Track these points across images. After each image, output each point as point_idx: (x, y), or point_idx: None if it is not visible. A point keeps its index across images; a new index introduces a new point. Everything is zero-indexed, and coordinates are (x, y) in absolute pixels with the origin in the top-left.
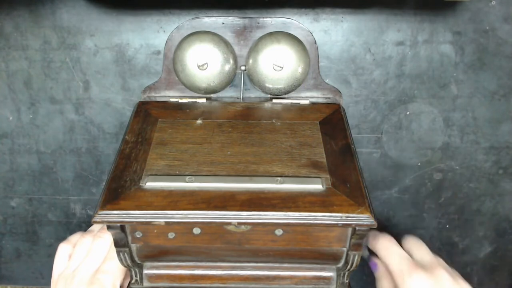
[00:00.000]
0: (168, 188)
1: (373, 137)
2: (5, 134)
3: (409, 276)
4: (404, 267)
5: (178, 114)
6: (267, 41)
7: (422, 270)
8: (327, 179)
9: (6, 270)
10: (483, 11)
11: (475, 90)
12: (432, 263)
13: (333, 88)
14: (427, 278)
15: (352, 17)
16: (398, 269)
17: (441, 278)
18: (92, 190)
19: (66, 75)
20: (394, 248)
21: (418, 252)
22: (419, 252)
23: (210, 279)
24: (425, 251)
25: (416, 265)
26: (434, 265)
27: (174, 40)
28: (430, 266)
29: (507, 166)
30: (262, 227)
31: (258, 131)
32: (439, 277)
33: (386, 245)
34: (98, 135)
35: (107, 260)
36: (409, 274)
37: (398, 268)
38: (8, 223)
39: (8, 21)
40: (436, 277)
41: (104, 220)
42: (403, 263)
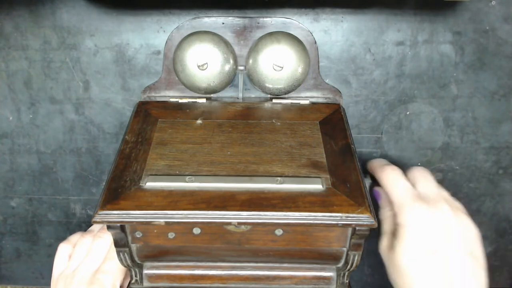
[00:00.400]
0: (168, 188)
1: (373, 137)
2: (5, 134)
3: (409, 207)
4: (405, 199)
5: (178, 114)
6: (267, 41)
7: (423, 202)
8: (327, 179)
9: (6, 270)
10: (483, 11)
11: (475, 90)
12: (435, 196)
13: (333, 88)
14: (427, 210)
15: (352, 17)
16: (399, 200)
17: (441, 211)
18: (92, 190)
19: (66, 75)
20: (398, 179)
21: (423, 184)
22: (424, 184)
23: (210, 279)
24: (430, 183)
25: (417, 197)
26: (437, 198)
27: (174, 40)
28: (432, 199)
29: (507, 166)
30: (262, 227)
31: (258, 131)
32: (439, 210)
33: (391, 175)
34: (98, 135)
35: (107, 260)
36: (409, 205)
37: (399, 199)
38: (8, 223)
39: (8, 21)
40: (436, 210)
41: (104, 220)
42: (405, 195)
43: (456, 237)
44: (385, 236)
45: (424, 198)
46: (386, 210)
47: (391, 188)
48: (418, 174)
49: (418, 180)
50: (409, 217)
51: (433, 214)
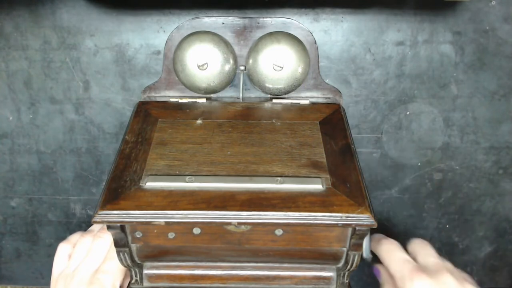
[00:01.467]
0: (168, 188)
1: (373, 137)
2: (5, 134)
3: (410, 280)
4: (405, 272)
5: (178, 114)
6: (267, 41)
7: (425, 274)
8: (327, 179)
9: (6, 270)
10: (483, 11)
11: (475, 90)
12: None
13: (333, 88)
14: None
15: (352, 17)
16: (399, 274)
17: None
18: (92, 190)
19: (66, 75)
20: (396, 252)
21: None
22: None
23: (210, 279)
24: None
25: (418, 268)
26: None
27: (174, 40)
28: (435, 270)
29: (507, 166)
30: (262, 227)
31: (258, 131)
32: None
33: (388, 249)
34: (98, 135)
35: (107, 260)
36: (410, 278)
37: (400, 273)
38: (8, 223)
39: (8, 21)
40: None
41: (104, 220)
42: (404, 267)
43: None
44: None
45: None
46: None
47: (390, 262)
48: (418, 246)
49: (419, 252)
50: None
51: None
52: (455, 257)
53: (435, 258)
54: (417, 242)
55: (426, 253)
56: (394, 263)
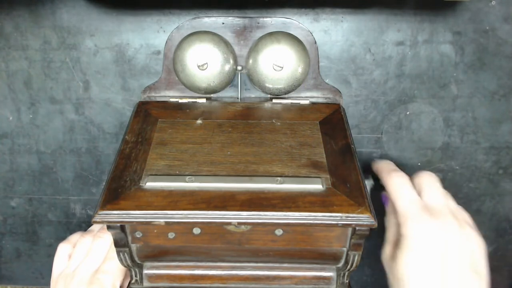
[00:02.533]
0: (168, 188)
1: (373, 137)
2: (5, 134)
3: (414, 219)
4: (410, 210)
5: (178, 114)
6: (267, 41)
7: (428, 214)
8: (327, 179)
9: (6, 270)
10: (483, 11)
11: (475, 90)
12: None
13: (333, 88)
14: (432, 223)
15: (352, 17)
16: (404, 211)
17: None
18: (92, 190)
19: (66, 75)
20: (404, 187)
21: (429, 192)
22: (430, 193)
23: (210, 279)
24: (437, 192)
25: (423, 208)
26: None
27: (174, 40)
28: (438, 210)
29: (507, 166)
30: (262, 227)
31: (258, 131)
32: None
33: (398, 183)
34: (98, 135)
35: (107, 260)
36: (413, 217)
37: (404, 210)
38: (8, 223)
39: (8, 21)
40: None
41: (104, 220)
42: (410, 205)
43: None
44: (388, 245)
45: (430, 210)
46: (391, 217)
47: (397, 197)
48: (425, 181)
49: (424, 188)
50: (413, 229)
51: (438, 227)
52: None
53: (441, 197)
54: (424, 176)
55: (432, 189)
56: (402, 200)
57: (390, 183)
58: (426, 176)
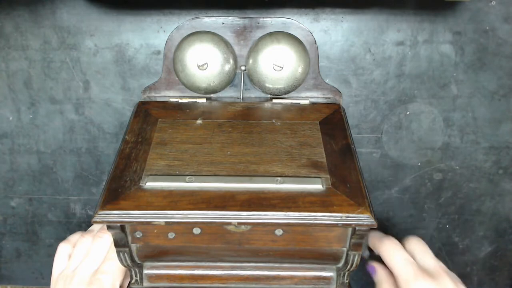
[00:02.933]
0: (168, 188)
1: (373, 137)
2: (5, 134)
3: (415, 282)
4: (409, 273)
5: (178, 114)
6: (267, 41)
7: (427, 276)
8: (327, 179)
9: (6, 270)
10: (483, 11)
11: (475, 90)
12: (436, 269)
13: (333, 88)
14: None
15: (352, 17)
16: (403, 275)
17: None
18: (92, 190)
19: (66, 75)
20: (399, 252)
21: (422, 256)
22: (423, 256)
23: (210, 279)
24: (429, 255)
25: (421, 271)
26: (438, 271)
27: (174, 40)
28: (434, 272)
29: (507, 166)
30: (262, 227)
31: (258, 131)
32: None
33: (391, 248)
34: (98, 135)
35: (107, 260)
36: (414, 280)
37: (404, 274)
38: (8, 223)
39: (8, 21)
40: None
41: (104, 220)
42: (408, 269)
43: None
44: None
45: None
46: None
47: (393, 261)
48: (416, 246)
49: (417, 252)
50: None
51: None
52: (455, 257)
53: (433, 260)
54: (414, 241)
55: (424, 253)
56: (398, 264)
57: (384, 249)
58: (415, 240)
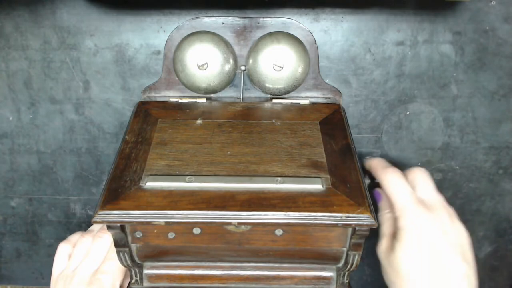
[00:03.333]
0: (168, 188)
1: (373, 137)
2: (5, 134)
3: (411, 212)
4: (407, 203)
5: (178, 114)
6: (267, 41)
7: (424, 208)
8: (327, 179)
9: (6, 270)
10: (483, 11)
11: (475, 90)
12: (435, 202)
13: (333, 88)
14: (428, 216)
15: (352, 17)
16: (401, 204)
17: (441, 217)
18: (92, 190)
19: (66, 75)
20: (400, 182)
21: (422, 187)
22: (423, 188)
23: (210, 279)
24: (429, 187)
25: (419, 203)
26: (436, 204)
27: (174, 40)
28: (432, 204)
29: (507, 166)
30: (262, 227)
31: (258, 131)
32: (438, 216)
33: (393, 179)
34: (98, 135)
35: (107, 260)
36: (411, 210)
37: (402, 203)
38: (8, 223)
39: (8, 21)
40: (436, 216)
41: (104, 220)
42: (407, 199)
43: (452, 242)
44: (385, 238)
45: (425, 203)
46: (386, 212)
47: (393, 192)
48: (418, 177)
49: (418, 183)
50: (411, 221)
51: (433, 220)
52: None
53: (433, 192)
54: (416, 172)
55: (425, 185)
56: (398, 194)
57: (386, 178)
58: (419, 172)
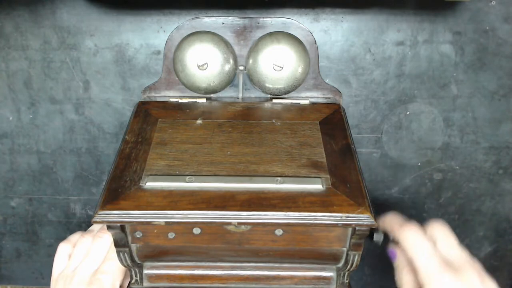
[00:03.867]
0: (168, 188)
1: (373, 137)
2: (5, 134)
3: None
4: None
5: (178, 114)
6: (267, 41)
7: (451, 271)
8: (327, 179)
9: (6, 270)
10: (483, 11)
11: (475, 90)
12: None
13: (333, 88)
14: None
15: (352, 17)
16: (425, 268)
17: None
18: (92, 190)
19: (66, 75)
20: (422, 242)
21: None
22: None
23: (210, 279)
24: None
25: (445, 264)
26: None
27: (174, 40)
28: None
29: (507, 166)
30: (262, 227)
31: (258, 131)
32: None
33: (414, 237)
34: (98, 135)
35: (107, 260)
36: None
37: (426, 267)
38: (8, 223)
39: (8, 21)
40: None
41: (104, 220)
42: (431, 262)
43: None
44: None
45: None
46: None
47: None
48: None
49: (439, 239)
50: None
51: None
52: None
53: (457, 249)
54: (437, 227)
55: (448, 241)
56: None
57: (405, 237)
58: (439, 226)
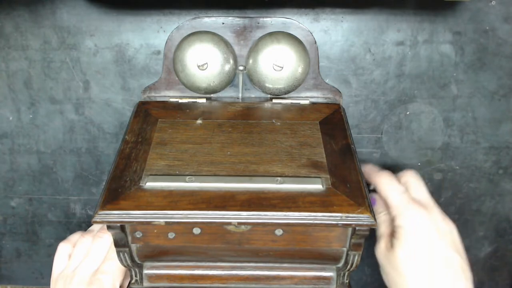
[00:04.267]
0: (168, 188)
1: (373, 137)
2: (5, 134)
3: (407, 210)
4: (403, 203)
5: (178, 114)
6: (267, 41)
7: (419, 206)
8: (327, 179)
9: (6, 270)
10: (483, 11)
11: (475, 90)
12: (427, 201)
13: (333, 88)
14: (423, 214)
15: (352, 17)
16: (397, 204)
17: (433, 214)
18: (92, 190)
19: (66, 75)
20: (394, 184)
21: (416, 189)
22: (417, 189)
23: (210, 279)
24: (422, 189)
25: (413, 200)
26: (429, 203)
27: (174, 40)
28: (425, 203)
29: (507, 166)
30: (262, 227)
31: (258, 131)
32: (432, 213)
33: (387, 181)
34: (98, 135)
35: (106, 260)
36: (407, 209)
37: (398, 203)
38: (8, 223)
39: (8, 21)
40: (430, 214)
41: (104, 220)
42: (402, 199)
43: (446, 237)
44: (383, 239)
45: (418, 202)
46: (382, 214)
47: (389, 193)
48: (410, 179)
49: (410, 185)
50: (408, 219)
51: (427, 217)
52: None
53: (425, 193)
54: (408, 174)
55: (418, 186)
56: (392, 194)
57: (380, 182)
58: (410, 174)
